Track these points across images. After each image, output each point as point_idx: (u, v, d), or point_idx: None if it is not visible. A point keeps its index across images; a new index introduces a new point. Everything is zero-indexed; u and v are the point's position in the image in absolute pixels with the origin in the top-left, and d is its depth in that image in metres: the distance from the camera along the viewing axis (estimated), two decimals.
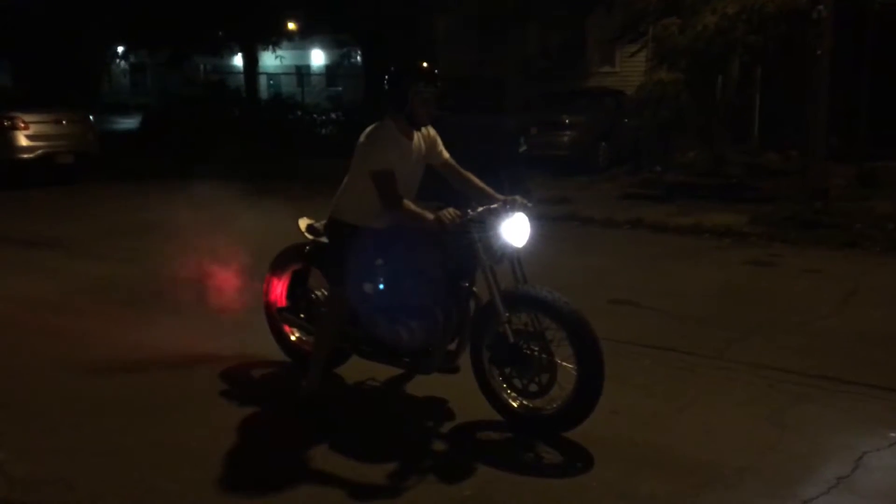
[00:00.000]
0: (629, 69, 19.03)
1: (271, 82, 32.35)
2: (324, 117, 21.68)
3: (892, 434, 4.41)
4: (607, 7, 17.18)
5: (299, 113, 20.78)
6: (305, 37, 28.07)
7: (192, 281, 6.45)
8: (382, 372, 5.11)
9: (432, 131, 4.72)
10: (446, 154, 4.77)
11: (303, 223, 5.13)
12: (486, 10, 19.07)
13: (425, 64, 4.51)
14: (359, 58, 29.44)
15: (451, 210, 4.29)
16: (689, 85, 13.97)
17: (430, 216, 4.31)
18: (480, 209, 4.45)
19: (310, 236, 5.07)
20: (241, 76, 25.44)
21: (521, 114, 17.05)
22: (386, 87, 4.52)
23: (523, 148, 12.34)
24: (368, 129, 4.56)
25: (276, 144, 17.13)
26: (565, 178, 14.76)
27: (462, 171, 4.76)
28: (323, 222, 4.90)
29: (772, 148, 16.34)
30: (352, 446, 4.34)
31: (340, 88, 31.76)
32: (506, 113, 17.36)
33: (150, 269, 6.60)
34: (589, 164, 16.07)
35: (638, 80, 16.03)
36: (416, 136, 4.60)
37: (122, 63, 25.94)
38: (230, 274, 6.31)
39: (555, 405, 4.38)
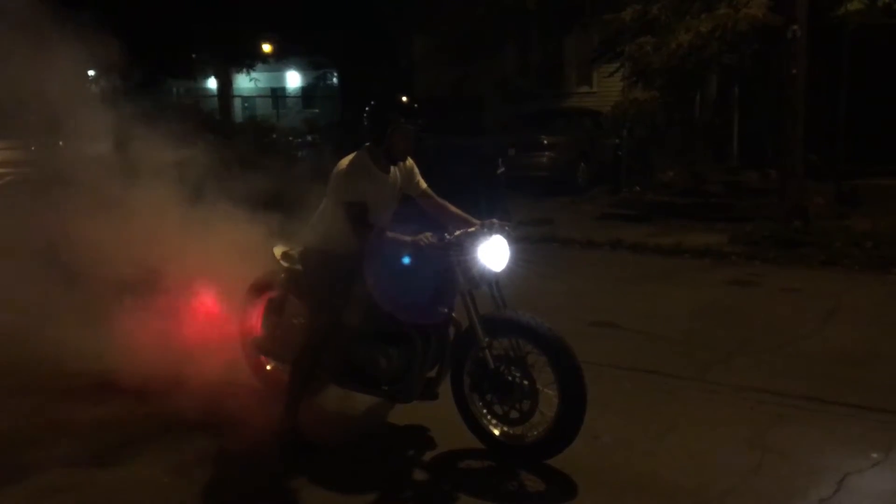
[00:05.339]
0: (607, 89, 19.12)
1: (246, 105, 32.21)
2: (300, 140, 21.60)
3: (875, 455, 4.40)
4: (584, 27, 17.27)
5: (274, 136, 20.69)
6: (280, 59, 28.02)
7: (160, 306, 6.24)
8: (361, 400, 5.04)
9: (409, 161, 4.68)
10: (424, 184, 4.74)
11: (277, 251, 5.07)
12: (464, 31, 19.13)
13: (405, 98, 4.47)
14: (335, 79, 29.44)
15: (428, 234, 4.25)
16: (665, 103, 14.04)
17: (407, 240, 4.26)
18: (458, 233, 4.41)
19: (285, 264, 5.00)
20: (216, 99, 25.33)
21: (500, 135, 17.07)
22: (365, 121, 4.47)
23: (501, 169, 12.30)
24: (344, 159, 4.50)
25: (251, 168, 17.00)
26: (545, 199, 14.77)
27: (439, 200, 4.73)
28: (298, 249, 4.84)
29: (751, 166, 16.44)
30: (332, 477, 4.29)
31: (317, 110, 31.71)
32: (484, 134, 17.38)
33: (115, 292, 6.37)
34: (568, 184, 16.12)
35: (615, 100, 16.12)
36: (393, 168, 4.56)
37: (93, 86, 25.78)
38: (204, 300, 6.15)
39: (536, 432, 4.33)
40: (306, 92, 34.81)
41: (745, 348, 6.34)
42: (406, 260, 4.38)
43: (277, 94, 34.61)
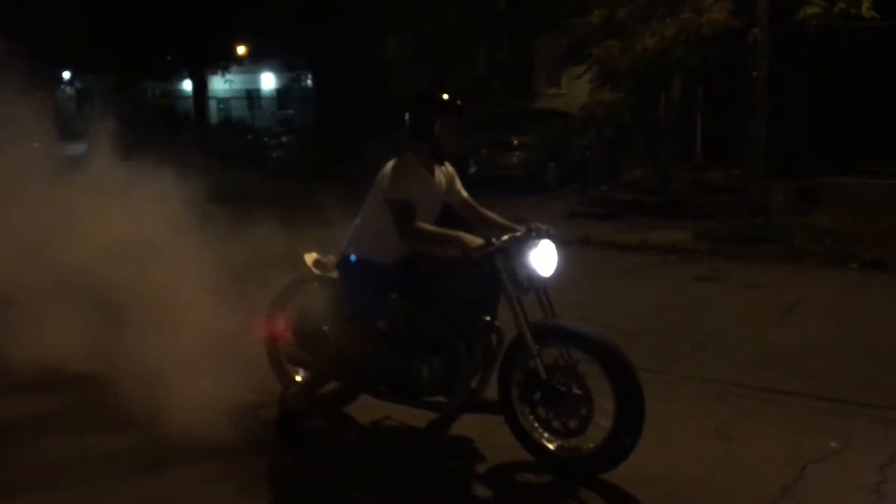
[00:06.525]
0: (575, 91, 19.23)
1: (221, 106, 32.04)
2: (275, 140, 21.60)
3: (834, 444, 4.54)
4: (554, 30, 17.44)
5: (250, 136, 20.67)
6: (255, 60, 27.96)
7: (164, 305, 5.88)
8: (399, 411, 4.83)
9: (451, 168, 4.61)
10: (465, 192, 4.65)
11: (309, 258, 4.89)
12: (437, 33, 19.21)
13: (446, 96, 4.43)
14: (310, 81, 29.43)
15: (475, 239, 4.10)
16: (632, 105, 14.25)
17: (454, 234, 4.13)
18: (505, 237, 4.23)
19: (317, 272, 4.84)
20: (191, 100, 25.25)
21: (471, 135, 17.17)
22: (410, 121, 4.38)
23: (473, 169, 12.45)
24: (390, 162, 4.39)
25: (226, 168, 17.00)
26: (516, 198, 14.83)
27: (480, 208, 4.63)
28: (331, 257, 4.73)
29: (714, 165, 16.65)
30: (379, 494, 4.18)
31: (291, 111, 31.66)
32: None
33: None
34: (539, 183, 16.26)
35: (583, 102, 16.30)
36: (438, 171, 4.48)
37: (68, 88, 25.47)
38: (216, 301, 5.87)
39: (592, 444, 4.13)
40: (281, 93, 34.72)
41: (709, 342, 6.50)
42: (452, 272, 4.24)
43: (252, 95, 34.50)
